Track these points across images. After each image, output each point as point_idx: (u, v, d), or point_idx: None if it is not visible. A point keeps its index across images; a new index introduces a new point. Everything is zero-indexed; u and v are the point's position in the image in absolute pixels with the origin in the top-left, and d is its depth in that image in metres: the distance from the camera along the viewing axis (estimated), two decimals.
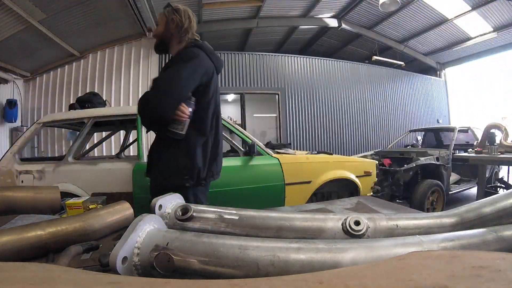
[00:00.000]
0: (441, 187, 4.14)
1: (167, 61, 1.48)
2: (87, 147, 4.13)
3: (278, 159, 2.75)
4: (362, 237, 0.56)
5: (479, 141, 4.36)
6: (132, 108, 3.82)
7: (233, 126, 2.90)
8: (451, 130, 5.31)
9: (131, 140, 4.02)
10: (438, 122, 9.76)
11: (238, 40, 8.60)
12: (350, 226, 0.58)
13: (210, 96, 1.41)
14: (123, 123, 3.50)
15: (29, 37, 5.50)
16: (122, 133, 4.50)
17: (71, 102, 3.74)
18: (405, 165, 4.20)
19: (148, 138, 3.69)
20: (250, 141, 2.76)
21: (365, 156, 4.88)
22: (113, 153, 5.62)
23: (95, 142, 4.59)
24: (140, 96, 1.30)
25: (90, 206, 0.90)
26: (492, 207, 0.58)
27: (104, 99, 3.80)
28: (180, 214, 0.63)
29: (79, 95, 4.69)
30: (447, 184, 4.39)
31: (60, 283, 0.29)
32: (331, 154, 3.35)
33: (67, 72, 7.04)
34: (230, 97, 9.99)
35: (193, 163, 1.33)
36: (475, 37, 7.68)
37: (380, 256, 0.41)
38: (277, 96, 8.06)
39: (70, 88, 6.97)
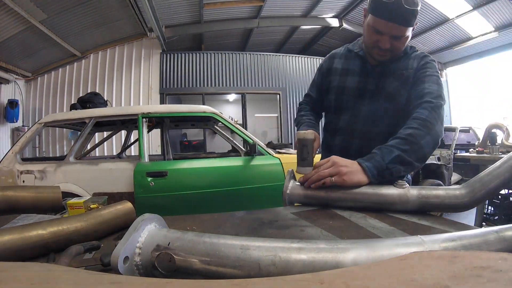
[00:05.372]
0: None
1: (168, 61, 1.47)
2: (88, 147, 4.14)
3: (279, 159, 2.75)
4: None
5: (480, 141, 4.35)
6: (133, 108, 3.83)
7: (234, 126, 2.90)
8: (453, 130, 5.29)
9: (132, 140, 4.03)
10: None
11: (239, 40, 8.60)
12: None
13: None
14: (125, 123, 3.51)
15: (30, 38, 5.52)
16: (123, 133, 4.50)
17: (73, 102, 3.75)
18: None
19: (149, 138, 3.70)
20: (252, 141, 2.76)
21: None
22: (114, 153, 5.63)
23: (96, 142, 4.59)
24: (141, 96, 1.30)
25: (91, 206, 0.90)
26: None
27: (105, 99, 3.81)
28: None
29: (81, 95, 4.70)
30: (448, 184, 4.38)
31: (61, 282, 0.30)
32: None
33: (68, 72, 7.06)
34: (231, 97, 10.00)
35: None
36: (476, 37, 7.66)
37: (382, 256, 0.41)
38: (278, 96, 8.06)
39: (72, 88, 6.98)
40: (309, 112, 1.40)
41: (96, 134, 4.45)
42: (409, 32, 1.05)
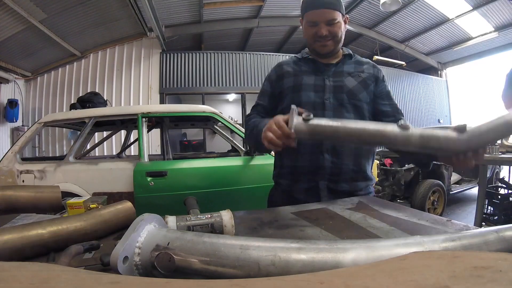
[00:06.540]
0: (442, 187, 4.14)
1: (168, 61, 1.44)
2: (88, 146, 4.14)
3: None
4: None
5: None
6: (133, 108, 3.83)
7: (234, 126, 2.90)
8: None
9: (132, 140, 4.03)
10: (439, 122, 9.75)
11: (238, 40, 8.59)
12: None
13: None
14: (124, 122, 3.51)
15: (30, 37, 5.52)
16: (123, 133, 4.50)
17: (72, 102, 3.75)
18: (406, 165, 4.19)
19: (149, 138, 3.70)
20: None
21: None
22: (114, 153, 5.63)
23: (96, 142, 4.59)
24: (140, 95, 1.27)
25: (91, 206, 0.90)
26: None
27: (105, 99, 3.81)
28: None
29: (80, 94, 4.70)
30: (448, 184, 4.38)
31: (60, 282, 0.29)
32: None
33: (68, 72, 7.06)
34: (231, 97, 10.00)
35: None
36: (476, 37, 7.67)
37: (382, 256, 0.41)
38: None
39: (71, 87, 6.98)
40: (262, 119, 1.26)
41: (96, 134, 4.45)
42: (340, 18, 1.18)
